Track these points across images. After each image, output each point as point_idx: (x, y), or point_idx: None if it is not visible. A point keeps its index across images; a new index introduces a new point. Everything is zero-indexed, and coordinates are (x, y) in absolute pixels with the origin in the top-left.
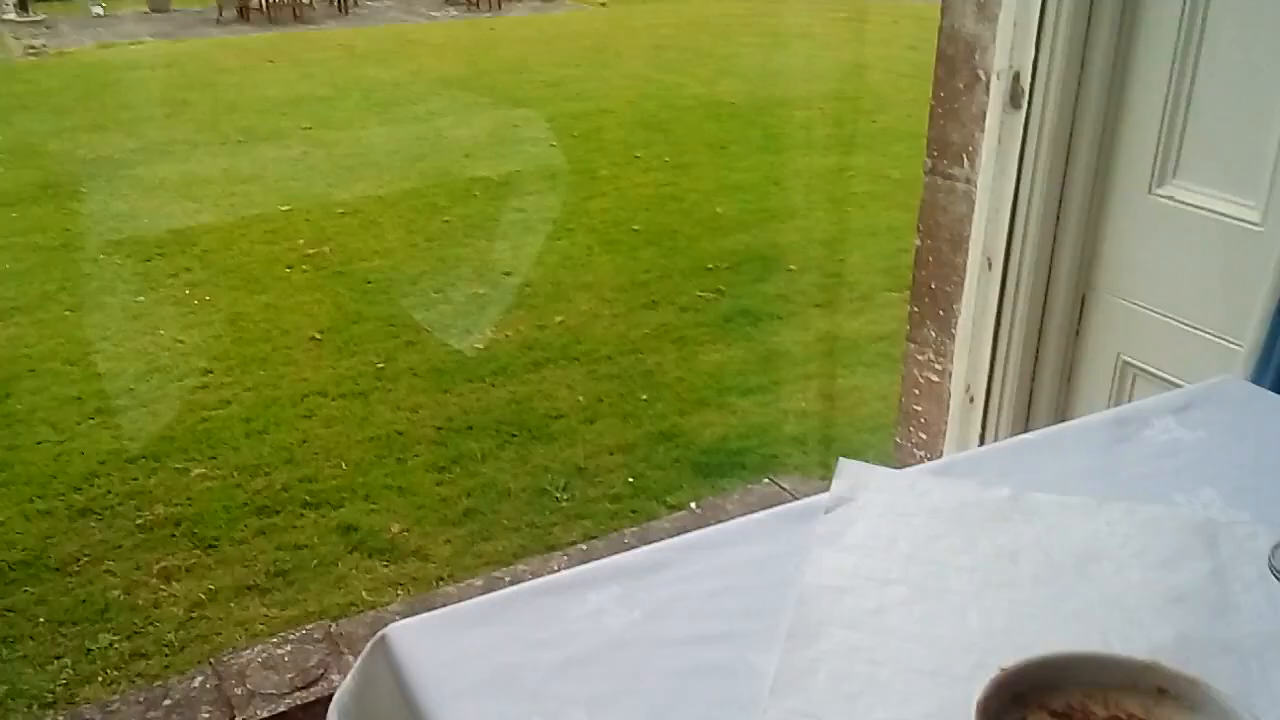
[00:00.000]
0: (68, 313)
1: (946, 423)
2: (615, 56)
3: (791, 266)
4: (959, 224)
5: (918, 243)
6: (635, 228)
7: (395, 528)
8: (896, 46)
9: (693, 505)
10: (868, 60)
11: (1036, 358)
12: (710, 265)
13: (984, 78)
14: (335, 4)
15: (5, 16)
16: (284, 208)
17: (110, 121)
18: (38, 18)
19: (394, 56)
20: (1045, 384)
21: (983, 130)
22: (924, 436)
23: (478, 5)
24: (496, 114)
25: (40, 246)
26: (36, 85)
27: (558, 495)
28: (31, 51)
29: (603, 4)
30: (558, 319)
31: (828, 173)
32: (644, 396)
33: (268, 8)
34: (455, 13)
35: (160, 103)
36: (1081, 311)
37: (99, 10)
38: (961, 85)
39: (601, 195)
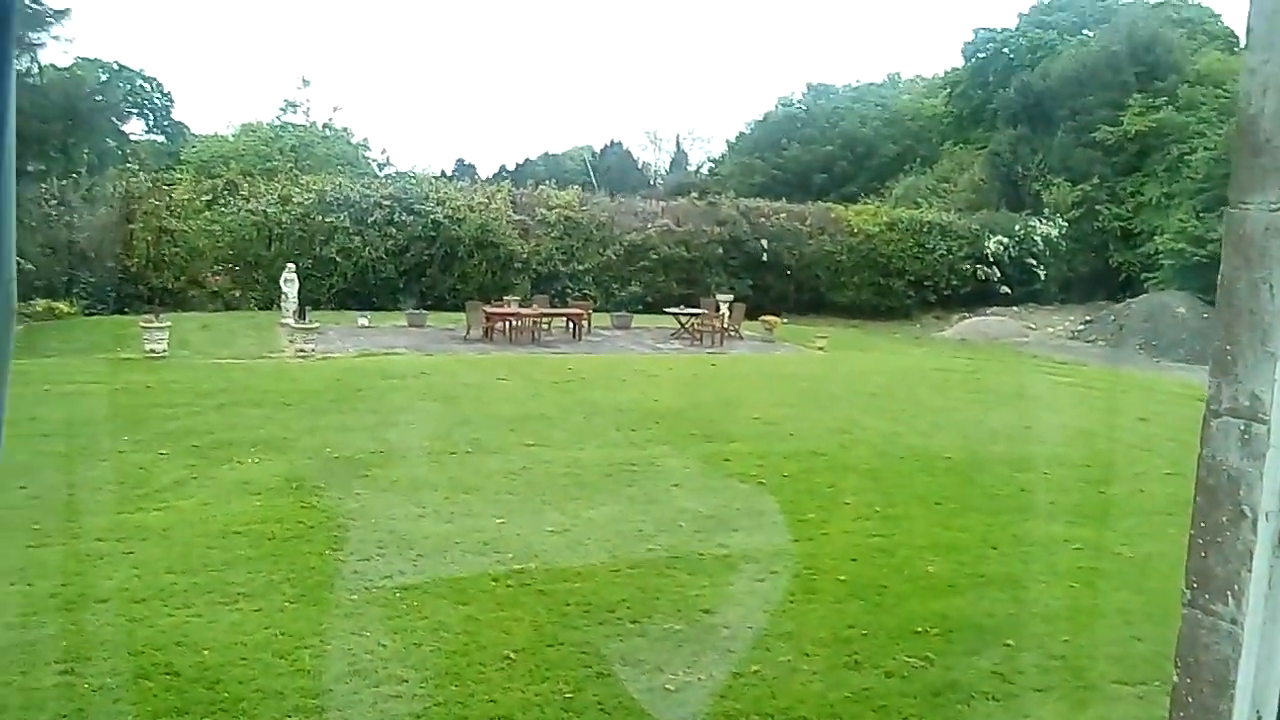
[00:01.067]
0: (288, 604)
1: None
2: (830, 400)
3: (1009, 641)
4: (1222, 666)
5: (1175, 679)
6: (841, 578)
7: None
8: (1125, 416)
9: None
10: (1095, 427)
11: None
12: (919, 628)
13: (1249, 515)
14: (570, 330)
15: (284, 321)
16: (499, 520)
17: (357, 424)
18: (312, 325)
19: (618, 384)
20: None
21: (1249, 569)
22: None
23: (700, 340)
24: (709, 447)
25: (275, 536)
26: (301, 385)
27: None
28: (301, 354)
29: (820, 349)
30: (754, 668)
31: (1051, 541)
32: None
33: (509, 330)
34: (679, 346)
35: (403, 410)
36: None
37: (364, 321)
38: (1224, 519)
39: (808, 540)
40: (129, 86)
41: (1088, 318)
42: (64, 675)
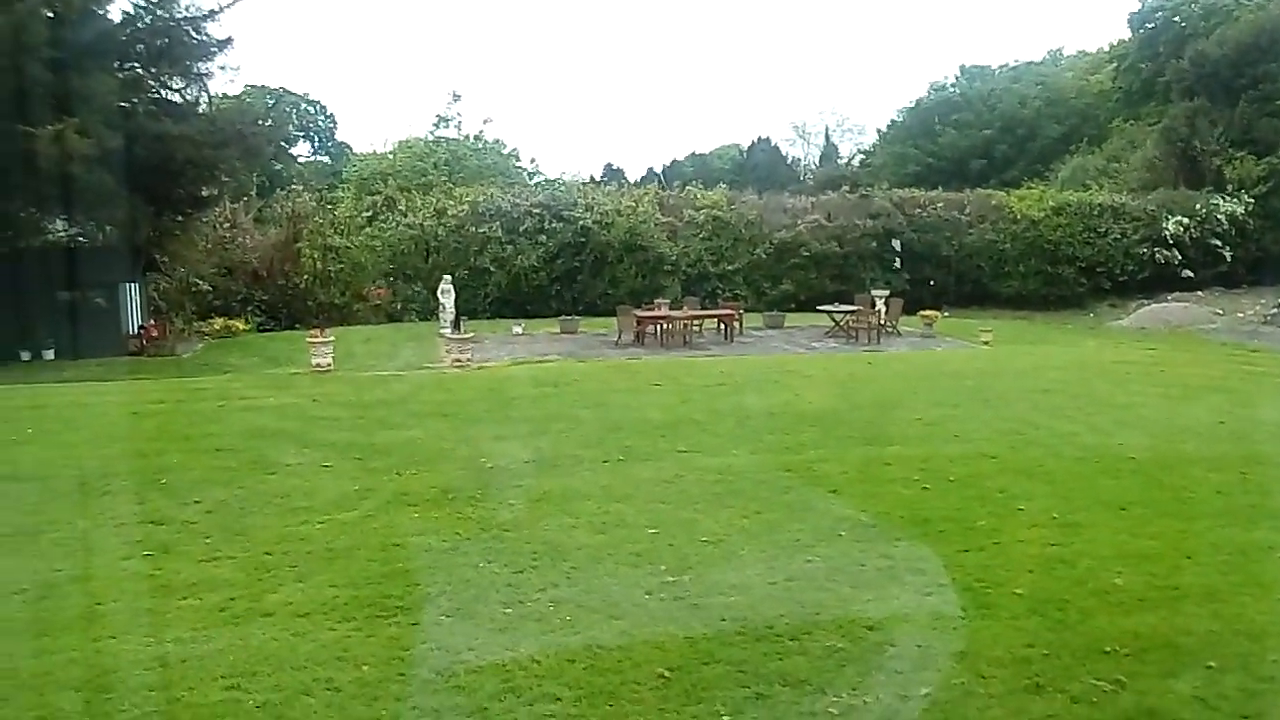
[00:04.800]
0: (444, 617)
1: None
2: (998, 398)
3: (1211, 663)
4: None
5: None
6: (1018, 591)
7: None
8: None
9: None
10: None
11: None
12: (1108, 648)
13: None
14: (722, 331)
15: (442, 331)
16: (651, 530)
17: (512, 433)
18: (468, 334)
19: (771, 386)
20: None
21: None
22: None
23: (856, 338)
24: (868, 451)
25: (431, 549)
26: (456, 395)
27: None
28: (458, 364)
29: (986, 343)
30: (924, 691)
31: (1254, 550)
32: None
33: (660, 333)
34: (834, 344)
35: (556, 418)
36: None
37: (519, 329)
38: None
39: (979, 550)
40: (295, 110)
41: None
42: (230, 691)
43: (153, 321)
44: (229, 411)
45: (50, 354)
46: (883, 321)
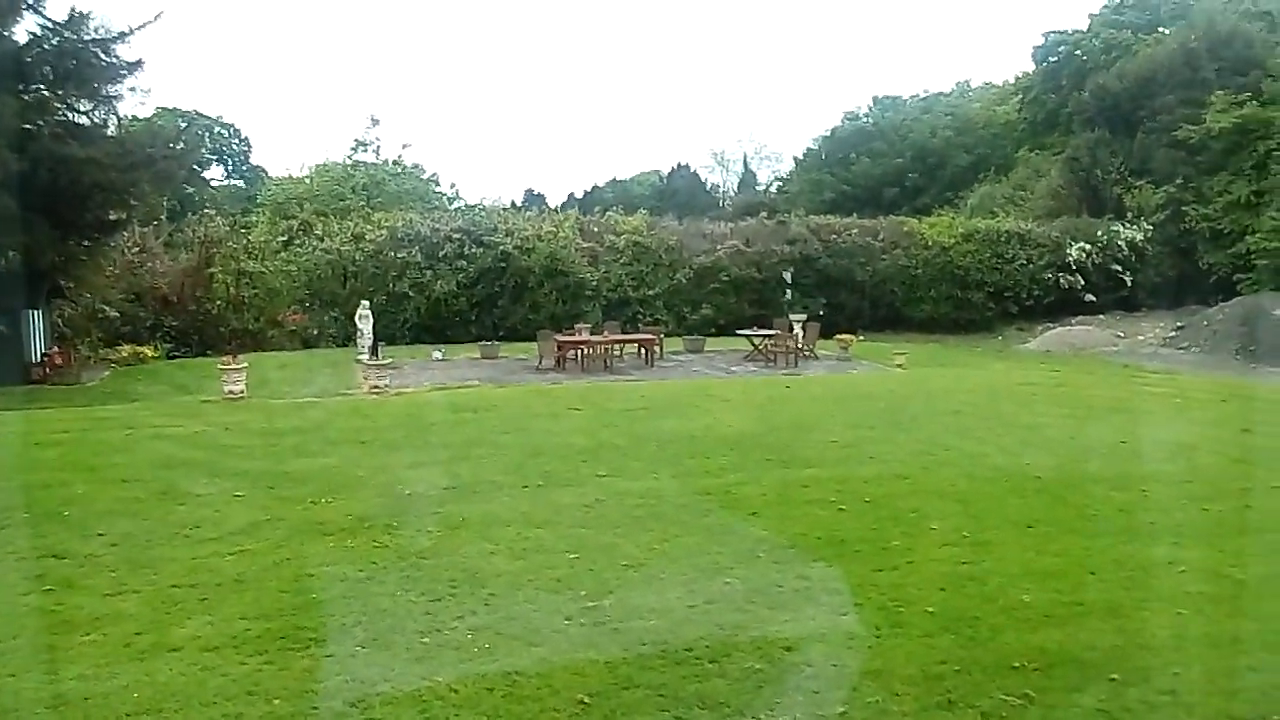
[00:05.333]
0: (359, 649)
1: None
2: (911, 420)
3: (1114, 675)
4: None
5: None
6: (930, 609)
7: None
8: (1227, 428)
9: None
10: (1194, 440)
11: None
12: (1017, 663)
13: None
14: (642, 356)
15: (359, 357)
16: (571, 555)
17: (430, 459)
18: (386, 360)
19: (691, 409)
20: None
21: None
22: None
23: (774, 361)
24: (785, 473)
25: (346, 578)
26: (374, 421)
27: None
28: (376, 391)
29: (899, 366)
30: (840, 709)
31: (1154, 565)
32: None
33: (581, 358)
34: (754, 368)
35: (476, 444)
36: None
37: (438, 355)
38: None
39: (892, 569)
40: (208, 134)
41: (1179, 323)
42: None
43: (57, 349)
44: (137, 441)
45: None
46: (800, 345)
